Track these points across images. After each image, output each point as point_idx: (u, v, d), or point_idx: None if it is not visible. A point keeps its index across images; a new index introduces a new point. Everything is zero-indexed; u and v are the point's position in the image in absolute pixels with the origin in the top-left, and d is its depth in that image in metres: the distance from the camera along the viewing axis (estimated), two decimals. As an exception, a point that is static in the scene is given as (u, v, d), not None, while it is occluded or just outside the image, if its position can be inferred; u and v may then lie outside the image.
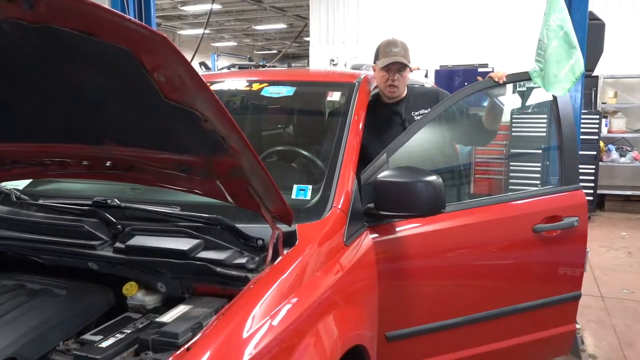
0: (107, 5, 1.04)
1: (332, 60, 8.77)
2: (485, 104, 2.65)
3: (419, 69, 7.62)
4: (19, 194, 2.03)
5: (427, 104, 2.60)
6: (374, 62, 2.62)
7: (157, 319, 1.40)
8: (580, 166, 2.75)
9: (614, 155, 7.43)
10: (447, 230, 2.18)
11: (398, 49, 2.53)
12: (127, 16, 1.06)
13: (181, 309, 1.42)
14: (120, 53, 1.10)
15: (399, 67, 2.53)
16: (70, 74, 1.28)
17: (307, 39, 11.85)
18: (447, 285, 2.24)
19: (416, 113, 2.61)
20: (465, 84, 6.49)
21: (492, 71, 2.80)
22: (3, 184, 2.05)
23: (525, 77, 2.48)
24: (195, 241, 1.59)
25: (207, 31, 15.19)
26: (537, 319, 2.41)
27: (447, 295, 2.24)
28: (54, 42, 1.12)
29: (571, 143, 2.45)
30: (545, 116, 3.50)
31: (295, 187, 1.95)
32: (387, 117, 2.64)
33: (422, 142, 2.33)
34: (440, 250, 2.19)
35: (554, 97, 2.44)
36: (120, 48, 1.09)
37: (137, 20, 1.07)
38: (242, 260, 1.54)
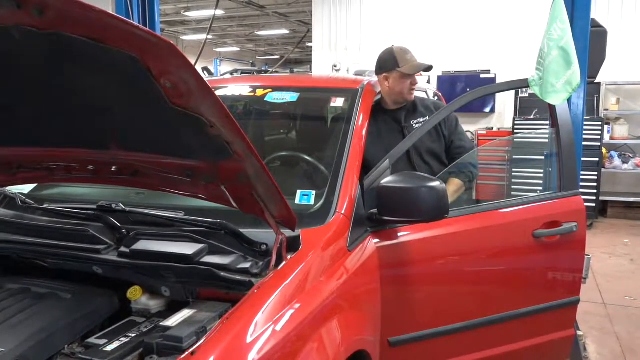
0: (111, 11, 1.05)
1: (335, 66, 8.81)
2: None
3: (421, 74, 7.64)
4: (24, 198, 2.04)
5: (426, 114, 2.69)
6: (393, 69, 2.57)
7: (161, 323, 1.41)
8: (582, 173, 2.75)
9: (617, 161, 7.42)
10: (449, 235, 2.18)
11: (414, 55, 2.62)
12: (135, 23, 1.08)
13: (185, 313, 1.42)
14: (128, 59, 1.11)
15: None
16: (77, 80, 1.29)
17: (309, 44, 11.90)
18: (449, 290, 2.24)
19: (414, 121, 2.67)
20: (468, 89, 6.51)
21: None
22: (8, 188, 2.06)
23: (524, 84, 2.48)
24: (199, 246, 1.60)
25: (210, 36, 15.21)
26: (537, 324, 2.41)
27: (449, 300, 2.24)
28: (62, 48, 1.13)
29: (569, 149, 2.44)
30: (547, 122, 3.51)
31: (299, 192, 1.96)
32: (387, 124, 2.67)
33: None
34: (442, 255, 2.19)
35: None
36: (128, 54, 1.10)
37: (144, 27, 1.08)
38: (246, 265, 1.55)
